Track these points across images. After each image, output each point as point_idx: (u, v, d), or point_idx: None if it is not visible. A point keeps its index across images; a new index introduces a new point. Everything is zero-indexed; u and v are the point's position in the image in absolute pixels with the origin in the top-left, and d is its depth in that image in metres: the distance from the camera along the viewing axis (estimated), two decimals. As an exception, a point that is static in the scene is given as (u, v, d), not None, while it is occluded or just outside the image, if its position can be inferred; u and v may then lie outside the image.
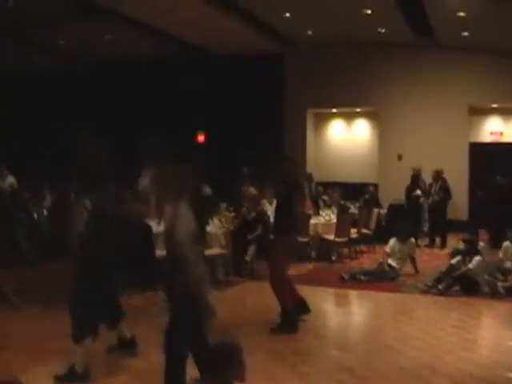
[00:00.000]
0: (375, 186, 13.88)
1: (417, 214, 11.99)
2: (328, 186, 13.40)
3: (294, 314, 6.18)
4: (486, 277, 7.75)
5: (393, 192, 13.19)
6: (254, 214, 9.30)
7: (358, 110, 15.46)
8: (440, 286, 7.70)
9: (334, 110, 15.74)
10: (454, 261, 7.99)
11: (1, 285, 7.19)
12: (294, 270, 8.43)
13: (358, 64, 14.50)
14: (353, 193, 12.96)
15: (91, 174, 4.94)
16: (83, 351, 4.67)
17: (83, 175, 5.01)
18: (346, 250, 10.57)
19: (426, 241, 11.87)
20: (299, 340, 5.92)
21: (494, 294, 7.53)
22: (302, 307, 6.39)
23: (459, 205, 13.39)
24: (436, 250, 11.35)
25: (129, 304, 7.02)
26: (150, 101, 16.05)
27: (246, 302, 7.64)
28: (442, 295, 7.60)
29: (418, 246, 11.07)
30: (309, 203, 10.83)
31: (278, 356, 5.34)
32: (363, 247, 11.14)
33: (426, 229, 12.31)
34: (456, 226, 11.60)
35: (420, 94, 14.17)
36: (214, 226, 8.62)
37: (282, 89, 15.44)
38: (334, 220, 10.35)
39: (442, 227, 11.76)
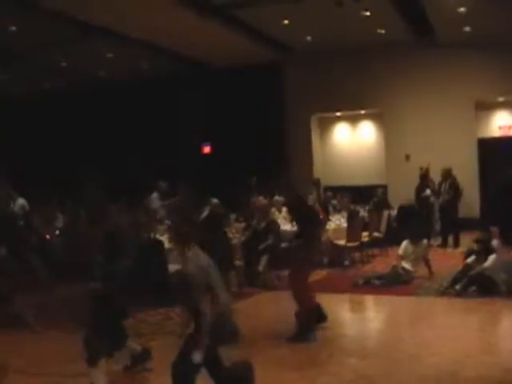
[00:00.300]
0: (384, 187, 13.78)
1: (428, 214, 11.90)
2: (336, 190, 13.33)
3: (312, 322, 6.15)
4: (502, 275, 7.65)
5: (402, 193, 13.09)
6: (264, 224, 9.25)
7: (363, 112, 15.38)
8: (457, 287, 7.60)
9: (339, 114, 15.68)
10: (469, 260, 7.90)
11: (19, 308, 7.21)
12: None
13: (359, 66, 14.44)
14: (362, 196, 12.87)
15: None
16: (99, 372, 4.74)
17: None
18: (358, 255, 10.50)
19: (439, 241, 11.74)
20: (317, 350, 5.85)
21: (512, 293, 7.43)
22: (319, 315, 6.36)
23: (470, 203, 13.26)
24: (449, 250, 11.22)
25: (143, 320, 7.05)
26: (154, 115, 16.10)
27: (261, 313, 7.56)
28: (459, 296, 7.50)
29: (430, 246, 11.01)
30: (319, 209, 10.76)
31: (296, 368, 5.27)
32: (375, 251, 11.06)
33: (437, 228, 12.19)
34: (468, 225, 11.46)
35: (424, 92, 14.09)
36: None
37: (284, 96, 15.41)
38: (345, 225, 10.28)
39: (454, 226, 11.64)
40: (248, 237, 9.19)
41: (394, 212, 12.32)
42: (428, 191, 12.04)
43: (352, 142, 15.84)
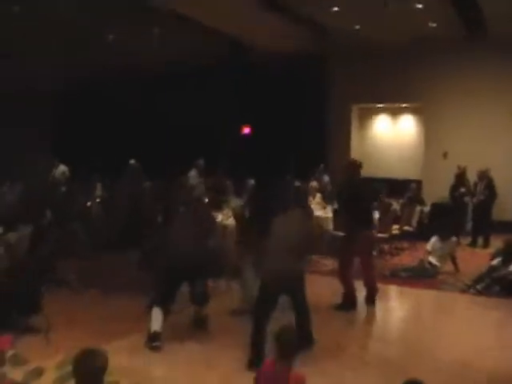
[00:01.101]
0: (419, 182, 13.91)
1: (461, 212, 12.02)
2: (372, 181, 13.51)
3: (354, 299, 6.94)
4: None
5: (437, 190, 13.20)
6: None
7: (404, 105, 15.47)
8: (478, 286, 7.83)
9: (380, 105, 15.80)
10: (494, 262, 8.11)
11: (64, 272, 7.74)
12: (335, 265, 8.76)
13: (405, 59, 14.44)
14: (396, 189, 13.02)
15: None
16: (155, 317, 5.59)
17: None
18: (387, 246, 10.76)
19: (469, 240, 11.88)
20: (341, 332, 6.26)
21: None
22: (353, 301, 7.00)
23: (506, 205, 13.26)
24: (478, 250, 11.34)
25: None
26: (198, 98, 16.48)
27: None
28: (480, 295, 7.75)
29: (459, 244, 11.19)
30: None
31: (326, 350, 5.62)
32: (405, 244, 11.28)
33: (469, 228, 12.30)
34: (501, 227, 11.53)
35: (468, 90, 13.96)
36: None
37: (327, 84, 15.60)
38: (377, 216, 10.53)
39: (485, 227, 11.75)
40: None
41: (427, 208, 12.47)
42: (463, 190, 12.15)
43: (391, 134, 15.95)
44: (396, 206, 11.81)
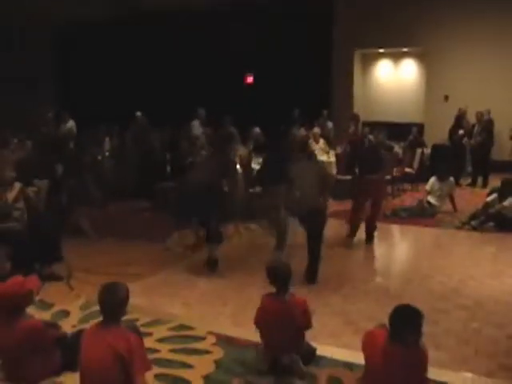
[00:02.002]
0: (421, 126, 14.14)
1: (459, 154, 12.29)
2: (374, 125, 13.76)
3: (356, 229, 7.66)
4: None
5: (438, 133, 13.42)
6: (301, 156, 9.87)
7: (406, 50, 15.51)
8: (473, 223, 8.21)
9: (382, 50, 15.85)
10: (489, 199, 8.46)
11: (77, 219, 8.16)
12: (339, 206, 9.20)
13: (407, 3, 14.44)
14: (398, 133, 13.26)
15: None
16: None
17: None
18: (389, 188, 11.11)
19: (469, 180, 12.19)
20: (343, 266, 6.75)
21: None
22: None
23: (505, 145, 13.48)
24: (477, 190, 11.63)
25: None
26: (202, 46, 16.58)
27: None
28: (475, 230, 8.14)
29: (460, 185, 11.53)
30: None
31: (323, 280, 6.11)
32: (407, 186, 11.62)
33: (469, 169, 12.59)
34: (500, 167, 11.84)
35: (470, 34, 13.98)
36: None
37: (329, 30, 15.62)
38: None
39: (484, 167, 12.03)
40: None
41: (428, 150, 12.75)
42: (461, 132, 12.38)
43: (393, 79, 16.06)
44: (398, 149, 12.12)
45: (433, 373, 3.60)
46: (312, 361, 4.11)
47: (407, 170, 11.51)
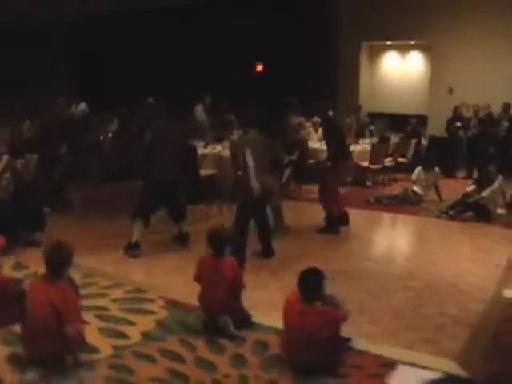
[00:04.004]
0: (425, 117, 14.24)
1: (456, 146, 12.38)
2: (379, 116, 13.95)
3: (336, 221, 7.59)
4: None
5: (441, 125, 13.51)
6: (292, 141, 10.12)
7: (412, 42, 15.57)
8: (451, 212, 8.36)
9: (389, 43, 15.93)
10: (469, 189, 8.60)
11: (71, 196, 8.56)
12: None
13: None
14: (401, 123, 13.40)
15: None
16: (138, 230, 6.40)
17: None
18: (381, 177, 11.32)
19: (464, 173, 12.27)
20: (328, 248, 6.97)
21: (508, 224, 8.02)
22: (345, 219, 7.74)
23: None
24: (470, 181, 11.73)
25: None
26: (213, 35, 16.84)
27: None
28: (452, 220, 8.30)
29: (455, 177, 11.65)
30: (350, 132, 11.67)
31: (285, 261, 6.40)
32: (400, 176, 11.75)
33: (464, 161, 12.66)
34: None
35: (475, 28, 13.99)
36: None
37: (337, 21, 15.75)
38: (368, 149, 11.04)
39: (480, 160, 12.05)
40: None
41: (426, 141, 12.86)
42: (458, 124, 12.46)
43: (399, 71, 16.13)
44: (395, 139, 12.29)
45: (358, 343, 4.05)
46: (246, 326, 4.39)
47: (400, 159, 11.66)
